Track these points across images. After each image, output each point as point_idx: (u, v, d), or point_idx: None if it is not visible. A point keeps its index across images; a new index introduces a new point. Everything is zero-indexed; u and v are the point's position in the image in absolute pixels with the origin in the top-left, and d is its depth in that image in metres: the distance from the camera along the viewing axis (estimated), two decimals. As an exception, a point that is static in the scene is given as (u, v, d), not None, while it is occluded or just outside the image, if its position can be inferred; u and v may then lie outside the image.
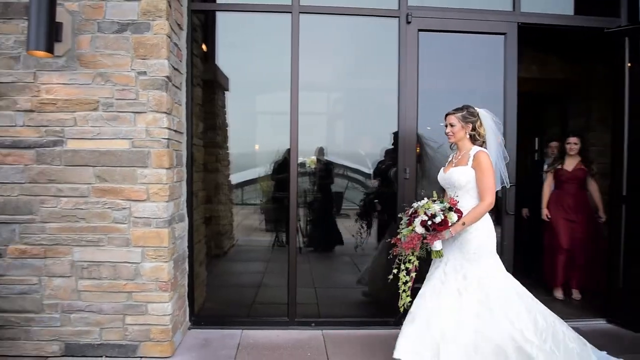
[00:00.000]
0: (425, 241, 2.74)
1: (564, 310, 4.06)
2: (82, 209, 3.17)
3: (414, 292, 2.85)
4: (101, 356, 3.23)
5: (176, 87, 3.42)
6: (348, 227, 4.56)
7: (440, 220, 2.68)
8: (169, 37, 3.19)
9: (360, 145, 4.38)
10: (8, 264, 3.20)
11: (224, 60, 4.25)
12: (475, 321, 2.70)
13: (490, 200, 2.77)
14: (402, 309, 2.83)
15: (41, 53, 2.96)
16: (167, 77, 3.16)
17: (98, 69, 3.14)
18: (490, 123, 2.95)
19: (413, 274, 2.77)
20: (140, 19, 3.14)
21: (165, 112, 3.15)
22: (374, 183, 4.36)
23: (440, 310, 2.76)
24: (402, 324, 3.64)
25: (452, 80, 4.02)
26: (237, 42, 4.26)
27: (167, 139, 3.16)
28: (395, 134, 3.84)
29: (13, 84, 3.16)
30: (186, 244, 3.69)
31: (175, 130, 3.37)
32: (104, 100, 3.15)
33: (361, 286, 4.18)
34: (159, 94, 3.13)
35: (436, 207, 2.71)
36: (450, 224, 2.70)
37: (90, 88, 3.15)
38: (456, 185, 2.87)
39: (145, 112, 3.14)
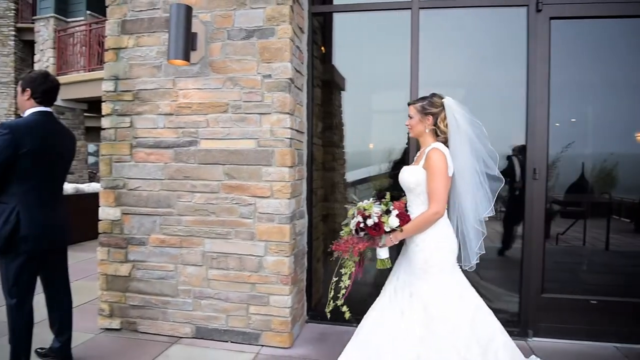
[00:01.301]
0: (356, 246, 2.42)
1: None
2: (212, 203, 3.42)
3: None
4: (227, 341, 3.46)
5: (298, 88, 3.54)
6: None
7: (372, 223, 2.36)
8: (292, 41, 3.31)
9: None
10: (150, 252, 3.56)
11: (340, 60, 4.30)
12: (418, 347, 2.32)
13: (435, 208, 2.35)
14: (328, 314, 2.60)
15: (180, 62, 3.25)
16: (290, 79, 3.28)
17: (228, 73, 3.37)
18: (456, 117, 2.45)
19: (347, 282, 2.49)
20: (266, 24, 3.30)
21: (289, 113, 3.27)
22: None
23: (381, 329, 2.47)
24: (527, 335, 3.42)
25: (590, 71, 3.65)
26: (353, 42, 4.29)
27: (290, 138, 3.28)
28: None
29: (155, 90, 3.51)
30: (305, 240, 3.81)
31: (297, 130, 3.49)
32: (233, 102, 3.36)
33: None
34: (282, 95, 3.27)
35: (375, 209, 2.41)
36: (386, 229, 2.38)
37: (220, 92, 3.39)
38: (405, 186, 2.52)
39: (270, 113, 3.29)
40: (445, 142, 2.50)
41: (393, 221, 2.38)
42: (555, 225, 3.86)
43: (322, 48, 4.16)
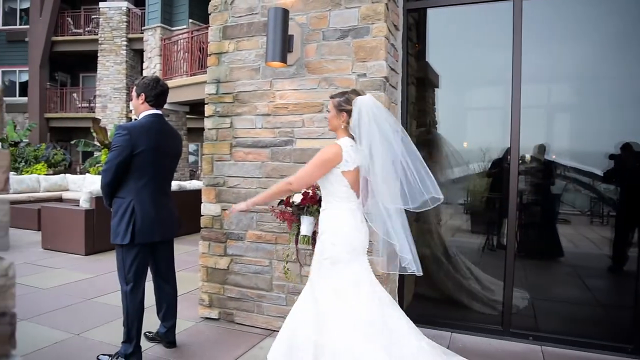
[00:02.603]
0: (279, 215, 3.01)
1: None
2: (306, 202, 3.49)
3: None
4: (319, 338, 3.50)
5: (393, 87, 3.50)
6: (567, 234, 4.05)
7: (285, 197, 2.91)
8: (387, 39, 3.28)
9: (590, 142, 3.84)
10: (247, 247, 3.71)
11: (434, 57, 4.19)
12: (316, 335, 2.40)
13: (290, 179, 2.50)
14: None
15: (277, 64, 3.36)
16: (385, 77, 3.25)
17: (323, 74, 3.41)
18: (361, 117, 2.38)
19: (288, 251, 3.04)
20: (360, 24, 3.30)
21: (383, 112, 3.24)
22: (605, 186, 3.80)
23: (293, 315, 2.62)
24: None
25: None
26: (448, 38, 4.15)
27: (384, 137, 3.25)
28: None
29: (254, 92, 3.66)
30: (398, 240, 3.75)
31: (391, 129, 3.45)
32: (328, 102, 3.39)
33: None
34: (377, 94, 3.23)
35: None
36: (291, 202, 2.88)
37: (315, 92, 3.44)
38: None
39: (364, 113, 3.28)
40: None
41: (296, 197, 2.82)
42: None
43: (417, 45, 4.07)
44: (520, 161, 3.61)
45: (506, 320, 3.52)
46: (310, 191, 2.85)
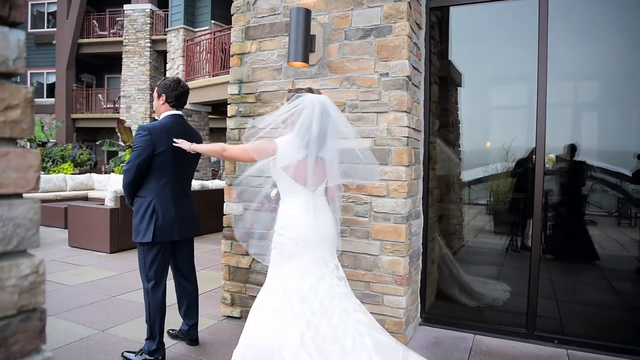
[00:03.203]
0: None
1: None
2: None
3: None
4: (340, 338, 3.49)
5: (415, 86, 3.47)
6: (593, 235, 3.96)
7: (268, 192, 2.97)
8: (409, 38, 3.25)
9: (618, 141, 3.74)
10: (268, 246, 3.71)
11: (457, 55, 4.15)
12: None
13: (226, 147, 2.68)
14: None
15: (299, 64, 3.36)
16: (408, 76, 3.22)
17: (345, 73, 3.40)
18: (301, 116, 2.38)
19: None
20: (383, 23, 3.27)
21: (406, 111, 3.22)
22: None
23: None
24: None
25: None
26: (471, 36, 4.11)
27: (407, 137, 3.22)
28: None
29: (276, 92, 3.67)
30: (421, 241, 3.72)
31: (414, 129, 3.42)
32: (350, 102, 3.39)
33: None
34: (399, 93, 3.22)
35: None
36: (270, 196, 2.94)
37: (337, 92, 3.43)
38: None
39: (386, 112, 3.26)
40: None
41: (273, 191, 2.88)
42: None
43: (439, 43, 4.02)
44: (545, 161, 3.55)
45: (530, 322, 3.45)
46: None
